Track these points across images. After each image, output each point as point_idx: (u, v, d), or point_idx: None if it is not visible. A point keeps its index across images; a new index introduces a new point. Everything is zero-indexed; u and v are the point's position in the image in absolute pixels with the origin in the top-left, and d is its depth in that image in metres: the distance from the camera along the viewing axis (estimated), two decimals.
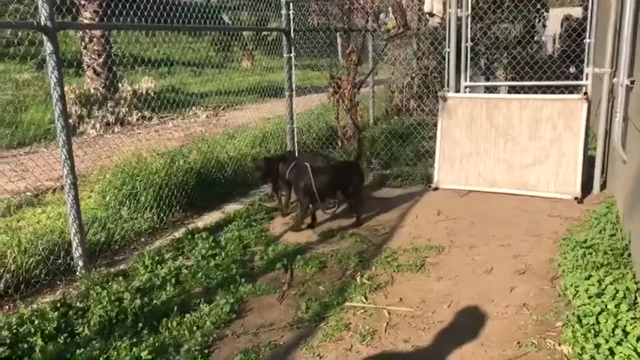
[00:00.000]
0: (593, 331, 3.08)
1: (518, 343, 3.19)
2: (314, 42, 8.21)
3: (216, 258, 4.52)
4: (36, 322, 3.35)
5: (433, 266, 4.34)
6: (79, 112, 10.69)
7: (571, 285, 3.67)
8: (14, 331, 3.25)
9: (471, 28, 6.79)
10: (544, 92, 7.14)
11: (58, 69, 3.92)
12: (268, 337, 3.34)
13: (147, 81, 13.14)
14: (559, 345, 3.12)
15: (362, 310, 3.65)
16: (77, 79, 12.99)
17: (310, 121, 8.92)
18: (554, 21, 14.96)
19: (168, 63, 16.47)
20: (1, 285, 3.84)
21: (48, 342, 3.21)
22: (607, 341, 2.96)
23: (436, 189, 6.47)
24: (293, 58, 7.10)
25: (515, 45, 10.16)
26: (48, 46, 3.87)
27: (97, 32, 12.12)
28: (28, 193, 6.23)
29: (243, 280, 4.07)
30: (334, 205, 5.68)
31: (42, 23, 3.81)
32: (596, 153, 6.11)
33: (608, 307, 3.24)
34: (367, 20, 7.86)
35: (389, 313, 3.60)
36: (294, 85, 7.18)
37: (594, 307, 3.27)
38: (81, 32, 12.55)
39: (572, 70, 9.29)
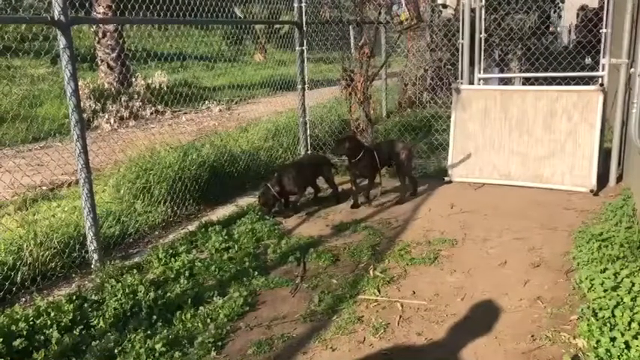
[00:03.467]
0: (608, 324, 3.04)
1: (533, 336, 3.17)
2: (326, 35, 8.18)
3: (230, 251, 4.54)
4: (52, 314, 3.38)
5: (447, 259, 4.32)
6: (94, 107, 10.76)
7: (586, 278, 3.63)
8: (31, 323, 3.29)
9: (485, 19, 6.73)
10: (559, 84, 7.05)
11: (71, 63, 3.94)
12: (281, 330, 3.34)
13: (160, 75, 13.19)
14: (574, 338, 3.09)
15: (375, 303, 3.65)
16: (91, 74, 13.10)
17: (323, 114, 8.90)
18: (569, 11, 14.76)
19: (181, 57, 16.54)
20: (18, 277, 3.89)
21: (64, 334, 3.25)
22: (623, 335, 2.92)
23: (450, 182, 6.43)
24: (305, 51, 7.08)
25: (530, 36, 10.05)
26: (61, 41, 3.89)
27: (111, 27, 12.19)
28: (44, 187, 6.30)
29: (256, 273, 4.08)
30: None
31: (55, 18, 3.83)
32: (612, 145, 6.04)
33: (624, 300, 3.20)
34: (380, 12, 7.80)
35: (402, 306, 3.59)
36: (306, 79, 7.16)
37: (610, 300, 3.23)
38: (94, 27, 12.63)
39: (587, 60, 9.17)
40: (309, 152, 7.35)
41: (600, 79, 6.08)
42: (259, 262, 4.34)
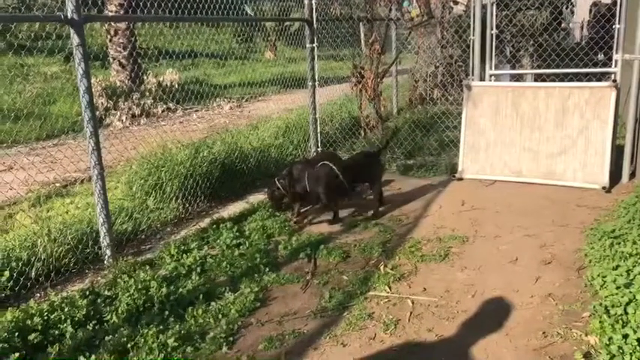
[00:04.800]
0: (621, 321, 3.03)
1: (544, 333, 3.16)
2: (337, 32, 8.18)
3: (241, 247, 4.57)
4: (66, 309, 3.43)
5: (457, 256, 4.32)
6: (106, 105, 10.85)
7: (598, 275, 3.61)
8: (45, 317, 3.33)
9: (497, 15, 6.68)
10: (571, 80, 7.00)
11: (84, 61, 3.98)
12: (292, 326, 3.36)
13: (171, 73, 13.26)
14: (586, 335, 3.08)
15: (385, 300, 3.65)
16: (103, 72, 13.18)
17: (333, 112, 8.90)
18: (582, 7, 14.63)
19: (192, 55, 16.59)
20: (33, 273, 3.94)
21: (77, 329, 3.29)
22: (635, 332, 2.91)
23: (460, 179, 6.41)
24: (316, 48, 7.08)
25: (542, 32, 9.96)
26: (75, 39, 3.93)
27: (122, 25, 12.25)
28: (57, 184, 6.37)
29: (267, 269, 4.11)
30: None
31: (69, 16, 3.86)
32: (625, 142, 5.98)
33: (636, 297, 3.19)
34: (390, 9, 7.80)
35: (413, 303, 3.60)
36: (316, 76, 7.17)
37: (622, 297, 3.22)
38: (106, 25, 12.72)
39: (600, 57, 9.09)
40: (318, 149, 7.36)
41: (613, 75, 6.03)
42: (270, 259, 4.36)
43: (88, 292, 3.70)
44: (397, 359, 3.02)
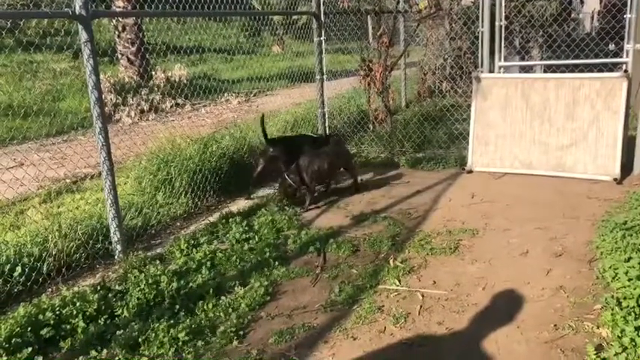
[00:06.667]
0: (633, 313, 3.01)
1: (555, 325, 3.14)
2: (344, 25, 8.15)
3: (250, 242, 4.58)
4: (77, 304, 3.45)
5: (467, 249, 4.30)
6: (114, 100, 10.89)
7: (610, 267, 3.58)
8: (57, 312, 3.36)
9: (505, 6, 6.62)
10: (582, 71, 6.93)
11: (93, 57, 3.99)
12: (302, 319, 3.37)
13: (179, 68, 13.27)
14: (597, 328, 3.06)
15: (395, 293, 3.65)
16: (112, 68, 13.23)
17: (341, 105, 8.88)
18: None
19: (200, 50, 16.61)
20: (44, 268, 3.97)
21: (89, 323, 3.32)
22: None
23: (470, 172, 6.38)
24: (323, 41, 7.06)
25: (552, 23, 9.87)
26: (83, 35, 3.94)
27: (130, 20, 12.28)
28: (67, 180, 6.41)
29: (276, 263, 4.11)
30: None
31: (76, 12, 3.87)
32: (636, 133, 5.92)
33: None
34: (398, 1, 7.75)
35: (422, 296, 3.59)
36: (324, 69, 7.14)
37: (635, 289, 3.19)
38: (114, 21, 12.75)
39: (611, 47, 8.99)
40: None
41: (624, 65, 5.97)
42: (279, 253, 4.36)
43: (99, 287, 3.72)
44: (407, 352, 3.02)
